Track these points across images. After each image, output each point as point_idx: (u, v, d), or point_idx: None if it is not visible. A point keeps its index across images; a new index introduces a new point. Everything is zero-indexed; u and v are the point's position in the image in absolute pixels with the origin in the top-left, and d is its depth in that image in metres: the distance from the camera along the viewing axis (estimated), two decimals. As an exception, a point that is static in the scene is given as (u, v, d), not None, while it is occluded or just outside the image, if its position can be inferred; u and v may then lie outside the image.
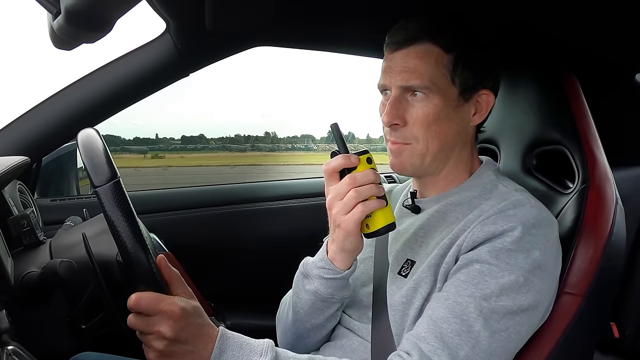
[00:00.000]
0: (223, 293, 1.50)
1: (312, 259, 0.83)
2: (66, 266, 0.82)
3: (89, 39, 0.71)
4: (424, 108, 0.81)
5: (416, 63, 0.80)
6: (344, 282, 0.81)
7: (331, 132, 0.77)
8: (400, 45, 0.82)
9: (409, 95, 0.81)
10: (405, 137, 0.82)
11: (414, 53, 0.81)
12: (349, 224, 0.73)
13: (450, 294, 0.73)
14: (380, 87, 0.86)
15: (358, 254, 0.79)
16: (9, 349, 0.66)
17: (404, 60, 0.81)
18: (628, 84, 1.25)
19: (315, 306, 0.83)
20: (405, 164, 0.84)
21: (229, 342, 0.67)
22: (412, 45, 0.81)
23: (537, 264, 0.73)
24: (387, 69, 0.83)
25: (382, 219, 0.74)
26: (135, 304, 0.63)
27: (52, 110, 1.22)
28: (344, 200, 0.73)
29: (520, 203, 0.77)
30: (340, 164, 0.75)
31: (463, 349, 0.68)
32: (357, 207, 0.73)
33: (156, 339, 0.63)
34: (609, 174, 0.89)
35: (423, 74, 0.80)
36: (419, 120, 0.81)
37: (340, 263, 0.78)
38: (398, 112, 0.81)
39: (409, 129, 0.82)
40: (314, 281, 0.80)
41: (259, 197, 1.66)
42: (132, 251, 0.62)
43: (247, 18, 1.08)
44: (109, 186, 0.61)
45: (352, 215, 0.73)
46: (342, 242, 0.76)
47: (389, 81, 0.83)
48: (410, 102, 0.82)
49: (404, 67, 0.81)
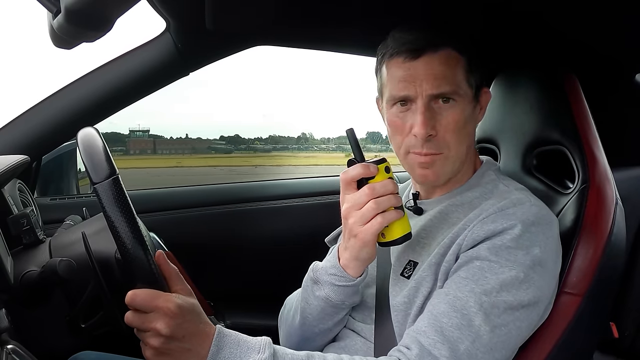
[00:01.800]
0: (223, 292, 1.50)
1: (322, 265, 0.82)
2: (66, 265, 0.82)
3: (89, 38, 0.71)
4: (454, 114, 0.79)
5: (443, 69, 0.78)
6: (355, 288, 0.80)
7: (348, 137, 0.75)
8: (422, 52, 0.78)
9: (434, 103, 0.80)
10: (439, 146, 0.80)
11: (437, 59, 0.78)
12: (366, 235, 0.72)
13: (450, 289, 0.73)
14: (399, 97, 0.81)
15: (373, 260, 0.79)
16: (8, 347, 0.66)
17: (429, 67, 0.78)
18: (628, 84, 1.25)
19: (325, 312, 0.82)
20: (439, 173, 0.82)
21: (227, 339, 0.67)
22: (434, 51, 0.78)
23: (537, 260, 0.73)
24: (408, 78, 0.79)
25: (400, 229, 0.74)
26: (132, 301, 0.63)
27: (52, 109, 1.22)
28: (362, 211, 0.72)
29: (520, 201, 0.77)
30: (359, 174, 0.73)
31: (463, 342, 0.68)
32: (376, 219, 0.72)
33: (153, 336, 0.63)
34: (609, 174, 0.89)
35: (451, 79, 0.79)
36: (450, 127, 0.80)
37: (352, 271, 0.78)
38: (430, 122, 0.79)
39: (440, 138, 0.80)
40: (324, 287, 0.80)
41: (259, 196, 1.65)
42: (130, 247, 0.62)
43: (247, 17, 1.08)
44: (107, 183, 0.61)
45: (370, 227, 0.72)
46: (357, 252, 0.75)
47: (415, 90, 0.79)
48: (436, 110, 0.79)
49: (431, 74, 0.78)
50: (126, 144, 13.44)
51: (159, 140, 15.56)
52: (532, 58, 1.10)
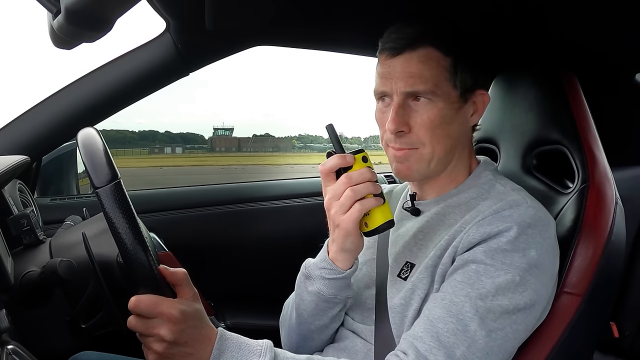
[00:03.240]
0: (223, 292, 1.50)
1: (314, 260, 0.83)
2: (66, 265, 0.81)
3: (89, 38, 0.71)
4: (429, 112, 0.80)
5: (420, 68, 0.79)
6: (346, 281, 0.81)
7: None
8: (401, 50, 0.80)
9: (411, 100, 0.81)
10: (412, 142, 0.81)
11: (416, 58, 0.80)
12: (347, 224, 0.73)
13: (446, 294, 0.73)
14: (378, 93, 0.84)
15: (359, 253, 0.79)
16: (8, 348, 0.66)
17: (406, 65, 0.80)
18: (628, 84, 1.25)
19: (318, 307, 0.83)
20: (412, 169, 0.83)
21: (228, 342, 0.67)
22: (413, 50, 0.80)
23: (534, 263, 0.73)
24: (387, 75, 0.81)
25: (381, 216, 0.74)
26: (135, 307, 0.63)
27: (52, 109, 1.22)
28: (342, 200, 0.73)
29: (516, 203, 0.77)
30: (336, 164, 0.75)
31: (459, 348, 0.68)
32: (355, 206, 0.72)
33: (156, 341, 0.64)
34: (609, 174, 0.89)
35: (427, 78, 0.79)
36: (424, 125, 0.80)
37: (341, 263, 0.79)
38: (403, 119, 0.80)
39: (414, 135, 0.81)
40: (316, 282, 0.81)
41: (259, 196, 1.65)
42: (133, 253, 0.62)
43: (247, 18, 1.08)
44: (109, 187, 0.61)
45: (350, 215, 0.73)
46: (342, 242, 0.76)
47: (390, 87, 0.81)
48: (413, 108, 0.81)
49: (407, 72, 0.79)
50: (211, 142, 13.84)
51: (243, 139, 16.13)
52: (531, 58, 1.10)
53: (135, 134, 55.59)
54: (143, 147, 45.60)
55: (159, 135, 55.16)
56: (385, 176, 1.83)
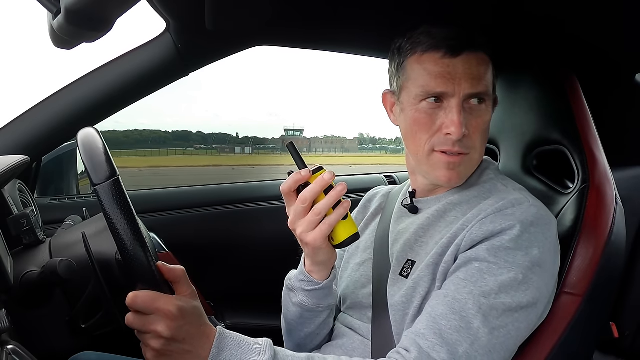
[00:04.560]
0: (223, 292, 1.50)
1: (294, 272, 0.85)
2: (66, 265, 0.81)
3: (89, 38, 0.71)
4: (484, 116, 0.80)
5: (480, 70, 0.79)
6: (325, 291, 0.83)
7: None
8: (461, 51, 0.78)
9: (466, 103, 0.79)
10: (468, 147, 0.80)
11: (475, 59, 0.79)
12: (315, 241, 0.73)
13: (449, 291, 0.73)
14: (435, 93, 0.79)
15: (334, 262, 0.81)
16: (8, 348, 0.66)
17: (467, 66, 0.78)
18: (628, 84, 1.25)
19: (303, 317, 0.85)
20: (462, 175, 0.83)
21: (227, 341, 0.67)
22: (471, 51, 0.79)
23: (536, 261, 0.73)
24: (446, 75, 0.78)
25: (344, 232, 0.74)
26: (132, 302, 0.63)
27: (52, 109, 1.22)
28: (306, 218, 0.73)
29: (518, 202, 0.77)
30: (294, 181, 0.74)
31: (462, 345, 0.69)
32: (319, 227, 0.72)
33: (153, 338, 0.63)
34: (609, 174, 0.89)
35: (487, 81, 0.80)
36: (479, 128, 0.80)
37: (317, 275, 0.81)
38: (464, 121, 0.78)
39: (470, 139, 0.80)
40: (298, 294, 0.83)
41: (259, 196, 1.65)
42: (130, 249, 0.62)
43: (247, 18, 1.08)
44: (108, 184, 0.61)
45: (315, 233, 0.73)
46: (313, 257, 0.78)
47: (453, 88, 0.78)
48: (468, 110, 0.79)
49: (469, 73, 0.78)
50: (282, 142, 14.18)
51: (313, 139, 16.71)
52: (532, 58, 1.10)
53: (169, 134, 56.39)
54: (178, 147, 45.94)
55: (192, 135, 56.45)
56: (385, 176, 1.83)
